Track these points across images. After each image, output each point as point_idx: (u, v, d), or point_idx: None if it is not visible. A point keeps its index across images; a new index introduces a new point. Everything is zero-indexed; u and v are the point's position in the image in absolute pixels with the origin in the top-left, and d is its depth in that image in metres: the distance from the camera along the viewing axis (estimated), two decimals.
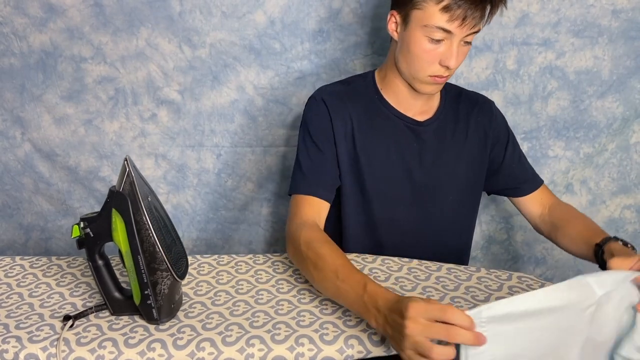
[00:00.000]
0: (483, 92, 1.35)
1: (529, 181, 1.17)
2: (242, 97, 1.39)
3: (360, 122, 1.07)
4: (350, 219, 1.12)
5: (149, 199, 0.82)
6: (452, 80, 1.35)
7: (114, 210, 0.80)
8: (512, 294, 0.90)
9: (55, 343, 0.79)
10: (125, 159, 0.80)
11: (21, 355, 0.78)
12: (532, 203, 1.17)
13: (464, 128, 1.13)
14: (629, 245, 0.90)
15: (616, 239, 0.94)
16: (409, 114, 1.09)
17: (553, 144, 1.39)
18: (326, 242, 0.91)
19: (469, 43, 0.98)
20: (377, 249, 1.10)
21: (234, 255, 1.07)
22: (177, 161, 1.45)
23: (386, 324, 0.71)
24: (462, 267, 1.00)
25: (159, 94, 1.39)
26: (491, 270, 0.99)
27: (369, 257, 1.04)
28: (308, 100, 1.11)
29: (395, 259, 1.04)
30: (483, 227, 1.50)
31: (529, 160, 1.21)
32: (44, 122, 1.42)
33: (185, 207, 1.49)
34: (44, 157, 1.46)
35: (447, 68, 0.98)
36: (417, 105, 1.09)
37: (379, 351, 0.79)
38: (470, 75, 1.35)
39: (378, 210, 1.10)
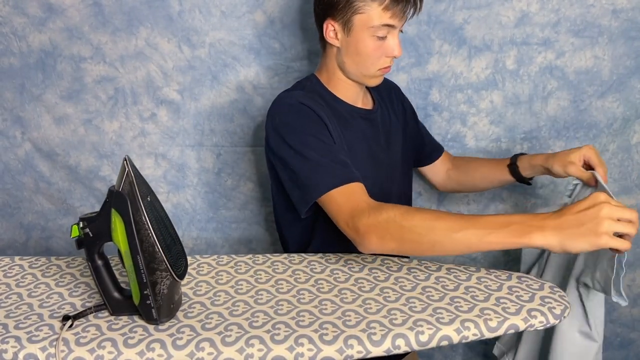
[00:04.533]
0: (483, 92, 1.36)
1: (437, 148, 1.35)
2: (242, 97, 1.39)
3: (334, 119, 1.08)
4: None
5: (149, 198, 0.82)
6: (453, 80, 1.35)
7: (113, 210, 0.80)
8: (511, 294, 0.90)
9: (54, 343, 0.79)
10: (125, 159, 0.80)
11: (20, 355, 0.78)
12: (440, 166, 1.34)
13: (391, 110, 1.25)
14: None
15: (522, 154, 1.20)
16: (359, 106, 1.17)
17: (553, 144, 1.38)
18: (413, 208, 0.94)
19: (401, 31, 1.08)
20: None
21: (233, 256, 1.07)
22: (177, 161, 1.45)
23: (563, 228, 0.79)
24: (461, 267, 1.00)
25: (158, 93, 1.39)
26: (491, 270, 0.99)
27: (369, 257, 1.04)
28: (283, 109, 1.05)
29: (395, 258, 1.04)
30: None
31: None
32: (44, 122, 1.42)
33: (185, 207, 1.49)
34: (44, 157, 1.46)
35: (392, 58, 1.08)
36: (362, 98, 1.18)
37: (379, 351, 0.79)
38: (470, 75, 1.35)
39: None
